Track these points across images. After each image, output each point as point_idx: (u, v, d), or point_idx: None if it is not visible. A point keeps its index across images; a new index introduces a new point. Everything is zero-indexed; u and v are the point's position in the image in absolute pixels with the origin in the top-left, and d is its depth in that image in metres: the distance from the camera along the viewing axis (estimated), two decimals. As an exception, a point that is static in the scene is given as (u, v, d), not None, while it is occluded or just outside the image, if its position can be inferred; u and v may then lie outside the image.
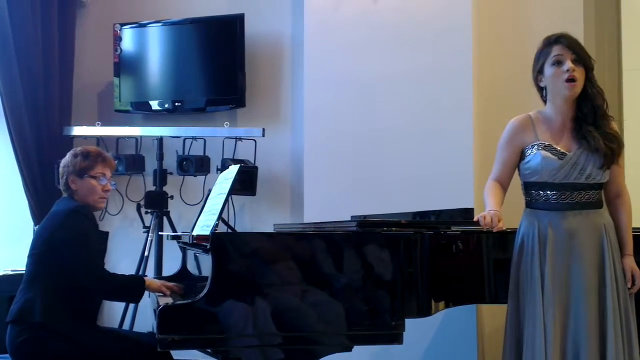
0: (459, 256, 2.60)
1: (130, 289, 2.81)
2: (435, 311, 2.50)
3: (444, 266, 2.55)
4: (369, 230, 2.42)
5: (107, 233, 3.03)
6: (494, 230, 2.36)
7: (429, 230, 2.54)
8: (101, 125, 4.27)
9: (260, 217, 4.26)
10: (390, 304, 2.36)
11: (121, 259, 4.23)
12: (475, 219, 2.42)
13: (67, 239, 2.69)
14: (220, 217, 2.53)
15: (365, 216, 3.12)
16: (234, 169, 2.72)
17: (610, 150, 2.43)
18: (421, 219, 3.07)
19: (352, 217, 3.20)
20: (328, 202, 3.82)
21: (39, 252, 2.75)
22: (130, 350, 2.72)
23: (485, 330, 3.73)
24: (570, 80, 2.42)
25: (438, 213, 3.02)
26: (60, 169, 2.89)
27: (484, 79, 3.79)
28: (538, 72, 2.51)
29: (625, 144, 3.81)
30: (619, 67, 3.96)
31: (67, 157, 2.88)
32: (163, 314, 2.27)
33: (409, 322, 2.38)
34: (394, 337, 2.36)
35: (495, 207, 2.43)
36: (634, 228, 2.63)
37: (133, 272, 3.95)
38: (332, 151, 3.89)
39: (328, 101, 3.92)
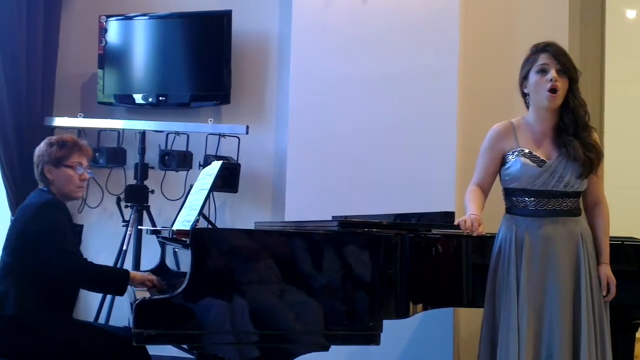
0: (439, 259, 2.61)
1: (113, 280, 2.76)
2: (413, 313, 2.50)
3: (423, 269, 2.56)
4: (349, 231, 2.42)
5: (81, 226, 2.99)
6: (474, 234, 2.39)
7: (409, 232, 2.55)
8: (83, 117, 4.24)
9: (241, 215, 4.26)
10: (368, 305, 2.36)
11: (99, 253, 4.20)
12: (455, 222, 2.45)
13: (41, 231, 2.65)
14: (201, 213, 2.52)
15: (346, 216, 3.12)
16: (216, 165, 2.71)
17: (589, 160, 2.46)
18: (402, 221, 3.08)
19: (333, 217, 3.20)
20: (309, 202, 3.82)
21: (13, 245, 2.71)
22: (105, 344, 2.69)
23: (461, 333, 3.75)
24: (552, 90, 2.45)
25: (419, 216, 3.03)
26: (35, 158, 2.83)
27: (469, 84, 3.82)
28: (523, 78, 2.54)
29: (606, 154, 3.86)
30: (602, 78, 4.01)
31: (42, 147, 2.82)
32: (140, 309, 2.25)
33: (387, 324, 2.39)
34: (371, 337, 2.36)
35: (476, 212, 2.46)
36: (613, 237, 2.66)
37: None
38: (316, 151, 3.89)
39: (313, 101, 3.92)
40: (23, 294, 2.63)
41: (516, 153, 2.52)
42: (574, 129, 2.48)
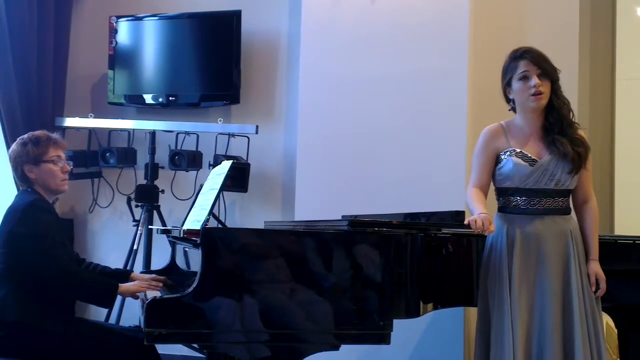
0: (449, 259, 2.61)
1: (98, 291, 2.68)
2: (424, 312, 2.50)
3: (433, 268, 2.56)
4: (360, 230, 2.42)
5: (70, 220, 2.92)
6: (486, 234, 2.41)
7: (419, 231, 2.54)
8: (94, 118, 4.26)
9: (250, 214, 4.26)
10: (378, 304, 2.35)
11: (110, 252, 4.23)
12: (466, 222, 2.45)
13: (26, 234, 2.61)
14: (211, 213, 2.53)
15: (356, 216, 3.12)
16: (226, 165, 2.72)
17: (577, 155, 2.52)
18: (412, 220, 3.07)
19: (342, 216, 3.20)
20: (319, 201, 3.82)
21: (3, 250, 2.67)
22: (114, 344, 2.68)
23: (472, 332, 3.73)
24: (537, 94, 2.51)
25: (429, 215, 3.02)
26: (12, 161, 2.78)
27: (478, 83, 3.81)
28: (506, 85, 2.61)
29: (617, 152, 3.87)
30: (612, 77, 4.00)
31: (16, 148, 2.77)
32: (151, 308, 2.26)
33: (397, 323, 2.39)
34: (382, 337, 2.36)
35: (484, 211, 2.47)
36: (623, 236, 2.65)
37: (121, 265, 3.94)
38: (325, 150, 3.89)
39: (322, 100, 3.91)
40: (23, 299, 2.60)
41: (508, 153, 2.57)
42: (559, 127, 2.55)
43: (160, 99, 4.31)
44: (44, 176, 2.76)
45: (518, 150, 2.56)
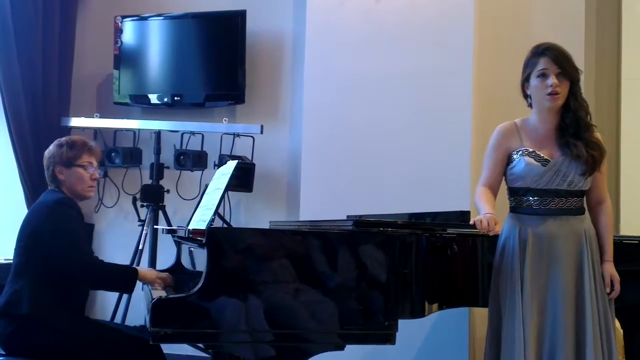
0: (454, 259, 2.60)
1: (121, 278, 2.78)
2: (429, 313, 2.50)
3: (438, 268, 2.56)
4: (365, 230, 2.42)
5: (92, 225, 3.01)
6: (491, 234, 2.41)
7: (424, 231, 2.54)
8: (99, 117, 4.27)
9: (255, 214, 4.26)
10: (383, 304, 2.35)
11: (115, 252, 4.23)
12: (471, 222, 2.45)
13: (53, 230, 2.69)
14: (216, 212, 2.53)
15: (360, 216, 3.12)
16: (231, 165, 2.72)
17: (591, 158, 2.49)
18: (417, 220, 3.07)
19: (347, 216, 3.20)
20: (324, 201, 3.82)
21: (25, 244, 2.74)
22: (120, 343, 2.71)
23: (477, 333, 3.74)
24: (553, 94, 2.48)
25: (434, 215, 3.02)
26: (45, 160, 2.87)
27: (483, 82, 3.80)
28: (525, 80, 2.58)
29: (623, 152, 3.85)
30: (618, 76, 3.98)
31: (52, 148, 2.87)
32: (156, 308, 2.26)
33: (402, 323, 2.38)
34: (387, 337, 2.35)
35: (490, 211, 2.46)
36: (632, 236, 2.64)
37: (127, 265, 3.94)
38: (330, 150, 3.89)
39: (327, 100, 3.92)
40: (37, 293, 2.65)
41: (520, 152, 2.55)
42: (574, 129, 2.52)
43: (166, 99, 4.32)
44: (73, 179, 2.84)
45: (530, 149, 2.54)
